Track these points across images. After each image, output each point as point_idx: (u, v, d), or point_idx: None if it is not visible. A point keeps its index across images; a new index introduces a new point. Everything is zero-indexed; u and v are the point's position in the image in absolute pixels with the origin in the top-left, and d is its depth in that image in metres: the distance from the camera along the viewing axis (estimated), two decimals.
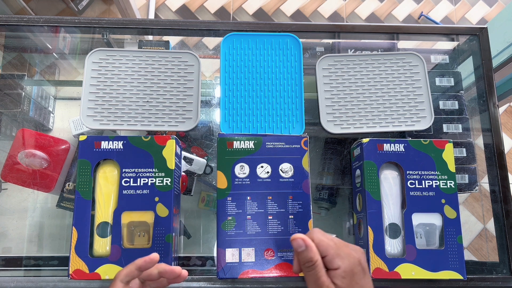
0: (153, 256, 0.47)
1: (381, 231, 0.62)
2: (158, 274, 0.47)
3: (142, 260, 0.47)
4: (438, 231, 0.63)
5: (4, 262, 0.74)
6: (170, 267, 0.47)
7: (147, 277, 0.47)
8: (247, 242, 0.61)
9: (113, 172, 0.62)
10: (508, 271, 0.70)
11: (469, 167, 0.78)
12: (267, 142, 0.65)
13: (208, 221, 0.78)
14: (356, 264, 0.44)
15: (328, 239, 0.45)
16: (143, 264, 0.47)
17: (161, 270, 0.47)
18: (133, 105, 0.70)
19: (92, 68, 0.71)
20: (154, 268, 0.47)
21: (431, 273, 0.60)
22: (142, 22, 0.82)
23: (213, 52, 0.97)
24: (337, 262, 0.43)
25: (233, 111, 0.71)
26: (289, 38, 0.75)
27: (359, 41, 0.86)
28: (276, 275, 0.60)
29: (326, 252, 0.43)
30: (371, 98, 0.73)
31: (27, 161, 0.74)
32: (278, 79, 0.73)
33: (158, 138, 0.62)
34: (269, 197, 0.63)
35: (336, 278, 0.43)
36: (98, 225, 0.60)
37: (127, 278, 0.47)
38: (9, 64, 0.88)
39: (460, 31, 0.85)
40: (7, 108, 0.83)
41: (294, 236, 0.44)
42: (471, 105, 0.82)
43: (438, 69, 0.85)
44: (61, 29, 0.82)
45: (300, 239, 0.43)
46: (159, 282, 0.49)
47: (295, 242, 0.44)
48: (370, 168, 0.64)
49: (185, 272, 0.48)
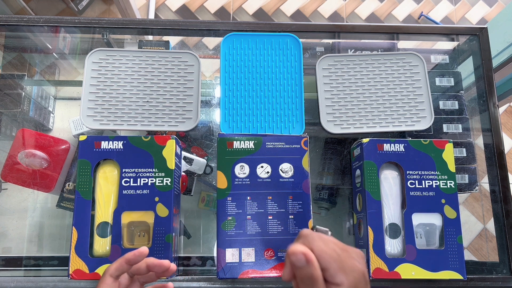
0: (142, 250, 0.47)
1: (381, 231, 0.62)
2: (146, 268, 0.47)
3: (131, 254, 0.46)
4: (438, 231, 0.63)
5: (4, 262, 0.74)
6: (159, 261, 0.47)
7: (136, 271, 0.47)
8: (247, 242, 0.61)
9: (113, 172, 0.62)
10: (508, 271, 0.70)
11: (469, 167, 0.78)
12: (267, 142, 0.65)
13: (208, 221, 0.78)
14: (360, 279, 0.38)
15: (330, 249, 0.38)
16: (132, 258, 0.46)
17: (150, 264, 0.46)
18: (133, 105, 0.70)
19: (92, 68, 0.71)
20: (143, 262, 0.47)
21: (431, 273, 0.60)
22: (142, 22, 0.82)
23: (213, 52, 0.97)
24: (341, 277, 0.37)
25: (233, 111, 0.71)
26: (289, 38, 0.75)
27: (359, 41, 0.86)
28: (276, 275, 0.60)
29: (328, 266, 0.37)
30: (371, 98, 0.73)
31: (27, 161, 0.74)
32: (278, 79, 0.73)
33: (158, 138, 0.62)
34: (269, 197, 0.63)
35: None
36: (98, 225, 0.60)
37: (116, 272, 0.47)
38: (9, 64, 0.88)
39: (460, 31, 0.85)
40: (7, 108, 0.82)
41: (293, 249, 0.37)
42: (471, 105, 0.82)
43: (438, 69, 0.85)
44: (61, 29, 0.82)
45: (301, 253, 0.36)
46: (147, 277, 0.49)
47: (294, 257, 0.36)
48: (370, 168, 0.64)
49: (173, 266, 0.48)
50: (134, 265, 0.47)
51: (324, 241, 0.39)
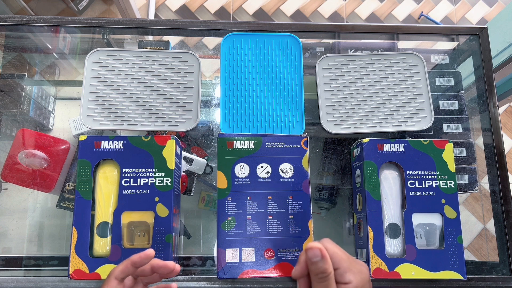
0: (149, 252, 0.46)
1: (381, 231, 0.62)
2: (151, 269, 0.47)
3: (137, 256, 0.46)
4: (438, 231, 0.63)
5: (4, 262, 0.74)
6: (164, 262, 0.47)
7: (141, 273, 0.47)
8: (247, 242, 0.61)
9: (113, 172, 0.62)
10: (508, 271, 0.70)
11: (469, 167, 0.78)
12: (267, 142, 0.65)
13: (208, 221, 0.78)
14: (366, 281, 0.43)
15: (340, 251, 0.43)
16: (138, 261, 0.46)
17: (155, 265, 0.46)
18: (133, 105, 0.70)
19: (92, 68, 0.71)
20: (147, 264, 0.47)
21: (431, 273, 0.60)
22: (142, 22, 0.82)
23: (213, 52, 0.97)
24: (349, 276, 0.42)
25: (233, 111, 0.71)
26: (289, 38, 0.75)
27: (359, 41, 0.86)
28: (276, 275, 0.60)
29: (338, 265, 0.42)
30: (371, 98, 0.73)
31: (27, 161, 0.74)
32: (278, 79, 0.73)
33: (158, 138, 0.62)
34: (269, 197, 0.63)
35: None
36: (98, 225, 0.60)
37: (122, 275, 0.46)
38: (9, 64, 0.88)
39: (460, 31, 0.85)
40: (7, 108, 0.83)
41: (310, 244, 0.41)
42: (471, 105, 0.82)
43: (438, 69, 0.85)
44: (61, 29, 0.82)
45: (317, 248, 0.41)
46: (151, 278, 0.49)
47: (311, 252, 0.41)
48: (370, 168, 0.64)
49: (178, 266, 0.48)
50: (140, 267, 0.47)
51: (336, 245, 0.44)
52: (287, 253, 0.61)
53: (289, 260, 0.60)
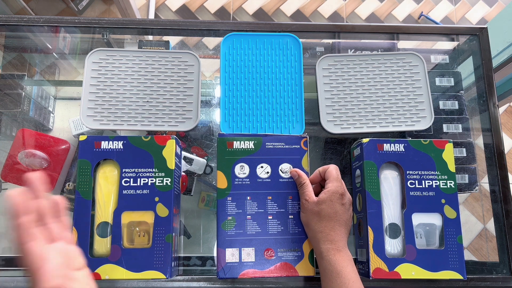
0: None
1: (381, 231, 0.62)
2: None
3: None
4: (438, 231, 0.63)
5: (4, 262, 0.74)
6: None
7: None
8: (247, 242, 0.61)
9: (113, 172, 0.62)
10: (508, 271, 0.70)
11: (469, 167, 0.78)
12: (267, 142, 0.65)
13: (208, 221, 0.78)
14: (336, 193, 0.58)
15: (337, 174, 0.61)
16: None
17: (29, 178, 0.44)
18: (133, 105, 0.70)
19: (92, 68, 0.71)
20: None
21: (431, 273, 0.60)
22: (142, 22, 0.82)
23: (213, 52, 0.97)
24: (328, 184, 0.60)
25: (233, 111, 0.71)
26: (289, 38, 0.75)
27: (359, 41, 0.86)
28: (276, 275, 0.60)
29: (327, 178, 0.61)
30: (371, 98, 0.73)
31: (27, 161, 0.74)
32: (278, 79, 0.73)
33: (158, 138, 0.62)
34: (269, 197, 0.63)
35: (322, 193, 0.59)
36: (98, 225, 0.60)
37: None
38: (9, 64, 0.88)
39: (460, 31, 0.85)
40: (7, 108, 0.83)
41: (291, 171, 0.64)
42: (471, 105, 0.82)
43: (438, 69, 0.85)
44: (61, 29, 0.82)
45: (294, 171, 0.63)
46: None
47: (291, 173, 0.64)
48: (370, 168, 0.64)
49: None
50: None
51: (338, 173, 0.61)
52: (287, 253, 0.61)
53: (289, 260, 0.60)
